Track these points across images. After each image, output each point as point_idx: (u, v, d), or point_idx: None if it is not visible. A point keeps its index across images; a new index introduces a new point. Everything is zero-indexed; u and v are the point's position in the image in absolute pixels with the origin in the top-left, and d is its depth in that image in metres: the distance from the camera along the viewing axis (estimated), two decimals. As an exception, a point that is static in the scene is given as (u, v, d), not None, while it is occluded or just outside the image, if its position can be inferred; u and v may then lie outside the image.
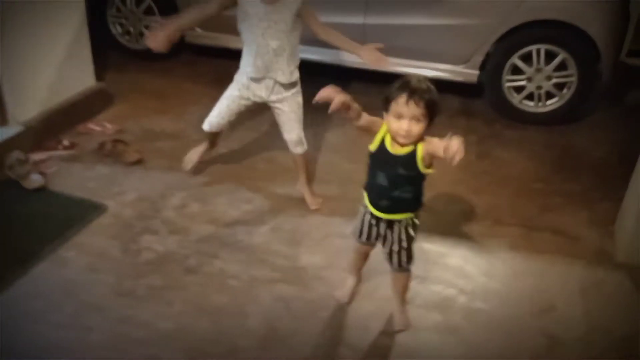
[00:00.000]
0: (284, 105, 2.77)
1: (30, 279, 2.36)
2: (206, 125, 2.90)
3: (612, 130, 3.86)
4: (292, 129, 2.82)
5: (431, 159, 1.93)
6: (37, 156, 3.09)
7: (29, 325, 2.16)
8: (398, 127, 1.88)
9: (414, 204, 2.05)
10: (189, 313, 2.26)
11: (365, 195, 2.10)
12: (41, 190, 2.88)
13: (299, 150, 2.87)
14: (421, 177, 1.98)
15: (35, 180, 2.89)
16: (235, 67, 2.78)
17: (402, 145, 1.92)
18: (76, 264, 2.45)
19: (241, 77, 2.76)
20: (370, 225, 2.12)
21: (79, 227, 2.64)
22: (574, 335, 2.28)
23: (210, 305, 2.30)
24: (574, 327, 2.32)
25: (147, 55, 4.45)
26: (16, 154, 2.98)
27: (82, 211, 2.75)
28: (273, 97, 2.75)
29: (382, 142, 1.97)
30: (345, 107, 1.89)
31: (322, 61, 4.11)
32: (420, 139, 1.91)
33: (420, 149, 1.91)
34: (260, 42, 2.59)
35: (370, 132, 2.00)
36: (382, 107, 1.93)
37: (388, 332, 2.24)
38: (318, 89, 1.90)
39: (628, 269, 2.62)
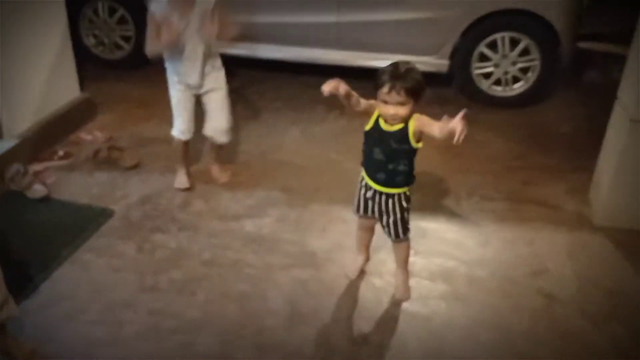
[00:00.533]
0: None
1: (54, 282, 2.43)
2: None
3: (575, 108, 4.17)
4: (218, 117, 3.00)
5: (420, 135, 2.12)
6: (35, 167, 3.13)
7: (62, 325, 2.23)
8: (386, 111, 2.08)
9: (406, 177, 2.22)
10: (213, 301, 2.38)
11: (363, 171, 2.28)
12: (45, 199, 2.94)
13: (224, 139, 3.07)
14: (413, 151, 2.17)
15: (38, 190, 2.94)
16: None
17: (393, 124, 2.11)
18: (96, 265, 2.53)
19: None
20: (366, 199, 2.30)
21: (91, 231, 2.72)
22: (567, 291, 2.50)
23: (232, 292, 2.42)
24: (566, 285, 2.54)
25: (122, 65, 4.56)
26: (16, 167, 3.01)
27: (91, 216, 2.82)
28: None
29: (377, 121, 2.16)
30: (348, 95, 2.07)
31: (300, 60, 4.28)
32: (410, 117, 2.10)
33: (412, 125, 2.10)
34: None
35: (369, 114, 2.19)
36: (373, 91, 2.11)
37: (399, 303, 2.41)
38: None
39: (606, 230, 2.87)
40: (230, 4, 2.84)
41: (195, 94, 2.95)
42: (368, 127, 2.19)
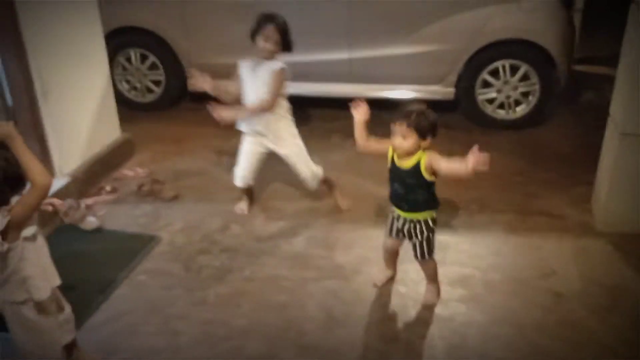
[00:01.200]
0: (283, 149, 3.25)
1: (113, 302, 2.73)
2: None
3: (573, 126, 4.49)
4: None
5: (432, 170, 2.42)
6: (86, 202, 3.47)
7: (124, 338, 2.52)
8: (393, 141, 2.42)
9: (429, 204, 2.52)
10: (257, 311, 2.67)
11: (390, 202, 2.60)
12: (98, 230, 3.26)
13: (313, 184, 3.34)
14: (428, 183, 2.46)
15: (92, 222, 3.27)
16: None
17: (401, 157, 2.42)
18: (150, 285, 2.84)
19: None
20: (397, 224, 2.60)
21: (142, 256, 3.03)
22: (574, 290, 2.78)
23: (273, 303, 2.72)
24: (573, 285, 2.82)
25: (153, 107, 4.95)
26: (69, 202, 3.35)
27: (140, 243, 3.14)
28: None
29: (392, 159, 2.49)
30: (364, 127, 2.50)
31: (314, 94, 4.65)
32: (416, 151, 2.40)
33: (423, 162, 2.40)
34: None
35: (378, 150, 2.54)
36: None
37: (424, 307, 2.69)
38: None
39: (607, 235, 3.16)
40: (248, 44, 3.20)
41: (265, 150, 3.27)
42: (388, 164, 2.51)
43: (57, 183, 3.47)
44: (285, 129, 3.24)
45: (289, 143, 3.26)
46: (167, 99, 4.92)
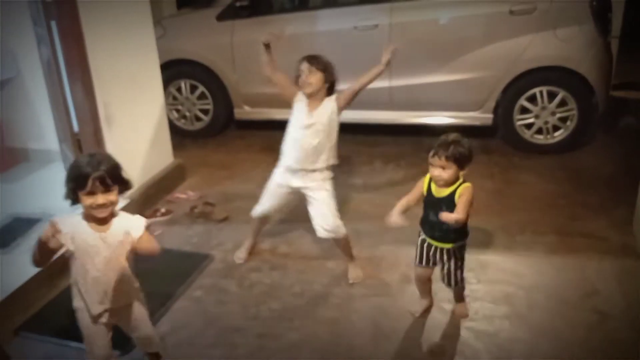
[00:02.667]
0: (314, 193, 3.03)
1: (172, 315, 2.90)
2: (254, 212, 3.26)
3: (613, 151, 4.54)
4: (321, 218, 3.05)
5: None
6: (143, 223, 3.67)
7: (184, 349, 2.67)
8: (432, 172, 2.51)
9: (460, 234, 2.60)
10: (308, 325, 2.79)
11: (421, 228, 2.68)
12: (155, 249, 3.45)
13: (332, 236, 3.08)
14: None
15: (149, 241, 3.46)
16: (279, 135, 3.18)
17: (441, 187, 2.51)
18: (206, 300, 3.00)
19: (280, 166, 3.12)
20: (427, 253, 2.68)
21: (197, 273, 3.20)
22: (617, 310, 2.82)
23: (323, 318, 2.84)
24: (616, 305, 2.86)
25: (201, 134, 5.20)
26: (128, 222, 3.56)
27: (195, 261, 3.31)
28: (302, 184, 3.04)
29: (429, 187, 2.57)
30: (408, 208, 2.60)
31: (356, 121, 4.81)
32: (456, 180, 2.48)
33: (459, 192, 2.49)
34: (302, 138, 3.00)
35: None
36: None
37: (457, 319, 2.78)
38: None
39: (650, 257, 3.21)
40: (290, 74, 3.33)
41: (293, 190, 3.10)
42: (425, 192, 2.58)
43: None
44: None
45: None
46: (215, 126, 5.17)
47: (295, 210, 3.86)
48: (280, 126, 3.41)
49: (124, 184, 2.14)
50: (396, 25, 4.53)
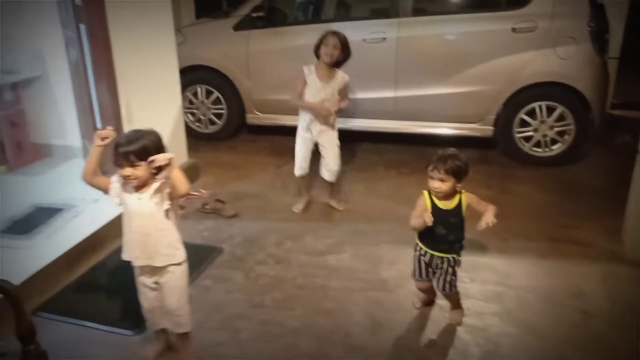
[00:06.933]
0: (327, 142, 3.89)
1: (183, 300, 3.10)
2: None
3: (606, 165, 4.73)
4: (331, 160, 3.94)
5: (470, 209, 2.71)
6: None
7: (198, 333, 2.84)
8: (431, 185, 2.68)
9: (460, 244, 2.79)
10: (308, 314, 2.98)
11: (419, 243, 2.83)
12: (167, 241, 3.66)
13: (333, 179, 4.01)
14: (463, 220, 2.74)
15: (162, 233, 3.68)
16: (287, 141, 3.80)
17: (441, 199, 2.69)
18: (214, 289, 3.20)
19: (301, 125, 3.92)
20: (425, 265, 2.84)
21: (207, 264, 3.40)
22: (602, 310, 2.99)
23: (322, 308, 3.03)
24: (601, 305, 3.03)
25: (214, 137, 5.43)
26: (143, 215, 3.78)
27: (205, 253, 3.52)
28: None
29: (434, 204, 2.71)
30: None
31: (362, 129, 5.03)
32: (455, 192, 2.68)
33: (464, 201, 2.69)
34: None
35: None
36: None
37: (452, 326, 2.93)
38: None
39: (636, 262, 3.37)
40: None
41: (313, 142, 3.91)
42: (429, 209, 2.68)
43: (133, 199, 3.92)
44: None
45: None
46: (228, 130, 5.41)
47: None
48: (288, 132, 3.67)
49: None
50: (403, 39, 4.76)
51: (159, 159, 2.21)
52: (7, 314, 2.06)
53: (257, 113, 5.30)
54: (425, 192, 2.73)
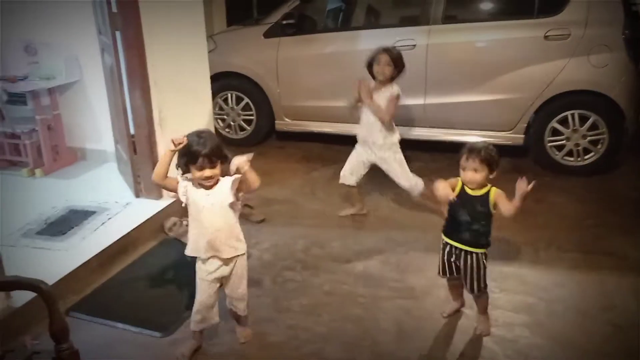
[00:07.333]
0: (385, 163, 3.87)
1: (211, 304, 3.13)
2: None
3: (642, 175, 4.63)
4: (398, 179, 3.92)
5: (495, 205, 2.66)
6: (186, 220, 3.94)
7: (218, 334, 2.89)
8: (464, 176, 2.67)
9: (485, 239, 2.75)
10: (335, 321, 2.99)
11: (445, 237, 2.82)
12: (197, 244, 3.71)
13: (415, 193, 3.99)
14: (490, 215, 2.69)
15: (192, 237, 3.73)
16: (316, 147, 3.72)
17: (473, 189, 2.68)
18: (242, 292, 3.22)
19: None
20: (450, 261, 2.81)
21: (235, 268, 3.43)
22: (634, 324, 2.91)
23: (349, 315, 3.03)
24: (632, 319, 2.96)
25: (244, 143, 5.48)
26: (173, 219, 3.84)
27: (233, 257, 3.55)
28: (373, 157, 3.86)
29: (462, 189, 2.72)
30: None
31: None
32: (486, 184, 2.65)
33: (492, 194, 2.65)
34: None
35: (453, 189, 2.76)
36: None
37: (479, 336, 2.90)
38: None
39: (670, 276, 3.30)
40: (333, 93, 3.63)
41: (370, 161, 3.94)
42: (453, 197, 2.71)
43: (164, 202, 3.99)
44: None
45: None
46: (257, 136, 5.47)
47: (325, 215, 4.12)
48: (317, 138, 3.68)
49: (225, 159, 2.52)
50: (433, 46, 4.74)
51: (242, 162, 2.47)
52: (41, 313, 2.11)
53: (286, 119, 5.33)
54: (459, 180, 2.71)
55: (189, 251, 2.62)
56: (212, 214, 2.52)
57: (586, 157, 4.64)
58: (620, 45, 4.37)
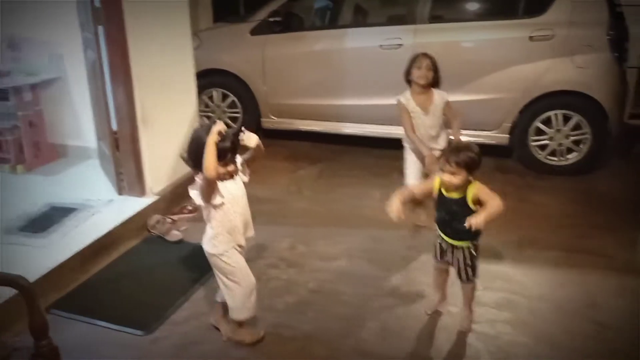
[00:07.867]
0: None
1: (193, 302, 3.11)
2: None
3: (624, 176, 4.68)
4: None
5: (478, 200, 2.66)
6: (171, 218, 3.91)
7: (205, 332, 2.86)
8: (442, 177, 2.66)
9: (471, 233, 2.73)
10: (320, 319, 2.98)
11: (436, 226, 2.86)
12: (180, 242, 3.68)
13: None
14: (470, 212, 2.65)
15: (176, 234, 3.70)
16: (302, 146, 3.63)
17: (449, 192, 2.68)
18: (226, 290, 3.20)
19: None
20: (441, 249, 2.85)
21: (219, 266, 3.41)
22: (616, 322, 2.94)
23: (334, 313, 3.02)
24: (614, 317, 2.98)
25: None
26: (157, 216, 3.81)
27: (218, 255, 3.52)
28: None
29: (440, 190, 2.73)
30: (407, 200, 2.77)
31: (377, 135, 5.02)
32: (466, 184, 2.63)
33: (470, 193, 2.64)
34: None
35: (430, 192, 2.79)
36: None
37: (473, 322, 2.92)
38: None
39: (652, 274, 3.33)
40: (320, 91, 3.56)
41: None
42: (435, 194, 2.75)
43: (148, 200, 3.95)
44: None
45: None
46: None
47: (313, 213, 4.11)
48: (303, 136, 3.66)
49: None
50: (419, 45, 4.74)
51: (252, 138, 2.53)
52: (21, 310, 2.08)
53: (273, 117, 5.31)
54: (438, 178, 2.70)
55: (223, 247, 2.64)
56: (242, 197, 2.67)
57: (569, 156, 4.68)
58: (605, 46, 4.41)
